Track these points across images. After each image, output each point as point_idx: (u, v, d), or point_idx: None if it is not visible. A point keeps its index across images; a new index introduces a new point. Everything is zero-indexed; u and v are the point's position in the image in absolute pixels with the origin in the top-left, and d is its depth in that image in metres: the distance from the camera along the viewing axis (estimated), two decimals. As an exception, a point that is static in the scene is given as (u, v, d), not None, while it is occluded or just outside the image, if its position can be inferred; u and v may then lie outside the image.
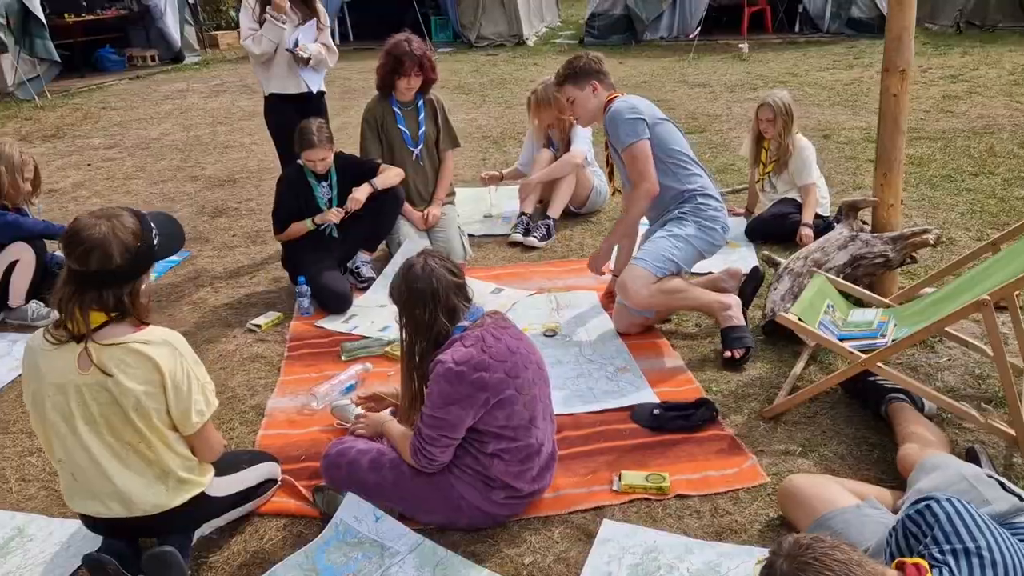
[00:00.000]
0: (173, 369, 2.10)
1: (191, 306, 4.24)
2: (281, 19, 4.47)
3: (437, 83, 4.68)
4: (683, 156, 3.57)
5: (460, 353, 2.32)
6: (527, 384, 2.44)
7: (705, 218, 3.52)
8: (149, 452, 2.14)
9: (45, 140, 8.27)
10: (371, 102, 4.58)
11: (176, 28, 13.42)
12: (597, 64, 3.60)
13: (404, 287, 2.39)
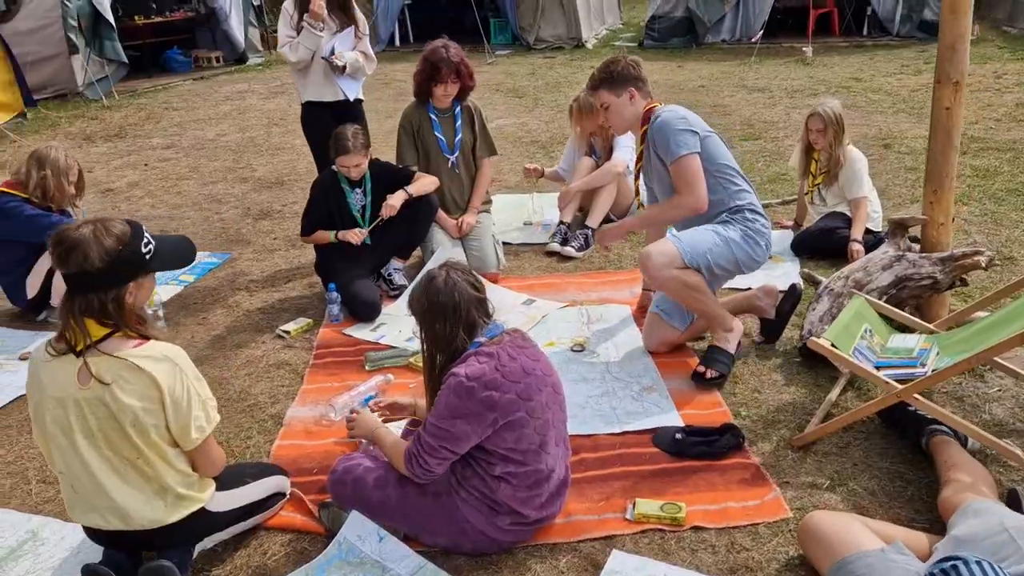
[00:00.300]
0: (172, 385, 2.09)
1: (225, 309, 4.27)
2: (318, 27, 4.48)
3: (493, 86, 4.63)
4: (732, 171, 3.41)
5: (473, 368, 2.27)
6: (539, 408, 2.37)
7: (752, 230, 3.36)
8: (147, 468, 2.13)
9: (107, 140, 8.50)
10: (408, 108, 4.56)
11: (240, 30, 13.68)
12: (635, 70, 3.44)
13: (425, 300, 2.35)
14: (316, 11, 4.41)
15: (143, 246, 2.10)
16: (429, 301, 2.34)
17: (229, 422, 3.20)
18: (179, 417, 2.11)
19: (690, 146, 3.27)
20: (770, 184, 5.97)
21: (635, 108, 3.43)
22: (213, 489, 2.30)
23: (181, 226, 5.63)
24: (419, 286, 2.39)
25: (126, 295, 2.08)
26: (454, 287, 2.34)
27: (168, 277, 4.65)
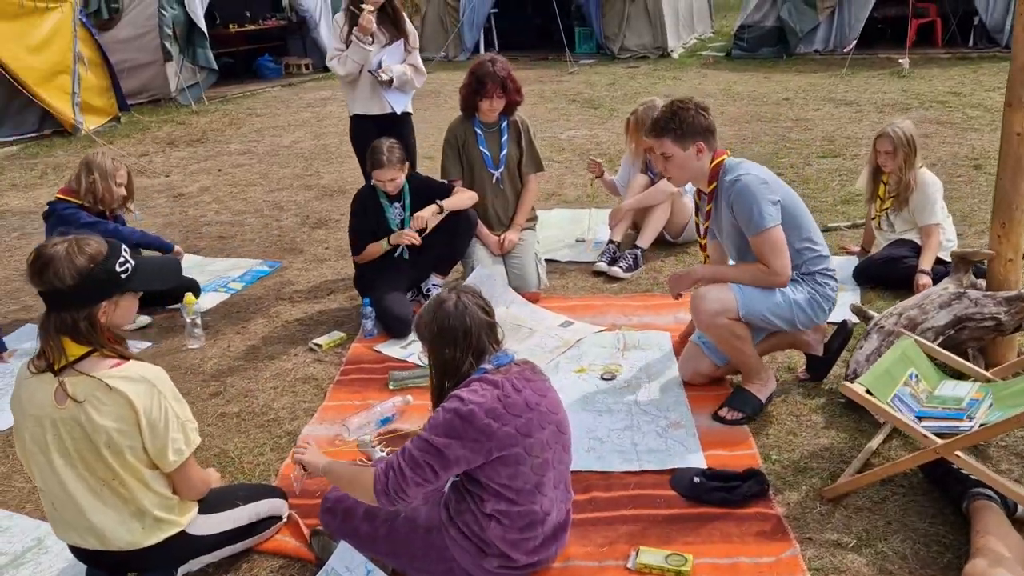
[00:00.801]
0: (148, 406, 2.07)
1: (266, 319, 4.30)
2: (366, 40, 4.47)
3: (570, 96, 4.55)
4: (810, 234, 3.12)
5: (476, 394, 2.18)
6: (539, 446, 2.25)
7: (820, 295, 3.12)
8: (123, 490, 2.12)
9: (189, 144, 8.79)
10: (454, 122, 4.50)
11: (329, 38, 13.98)
12: (705, 119, 3.08)
13: (435, 325, 2.26)
14: (364, 25, 4.40)
15: (118, 265, 2.08)
16: (439, 326, 2.25)
17: (246, 437, 3.20)
18: (156, 439, 2.09)
19: (774, 218, 3.00)
20: (842, 205, 5.66)
21: (701, 164, 3.11)
22: (195, 513, 2.27)
23: (240, 232, 5.73)
24: (428, 310, 2.30)
25: (99, 314, 2.07)
26: (464, 311, 2.25)
27: (216, 284, 4.73)
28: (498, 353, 2.30)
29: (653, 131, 3.14)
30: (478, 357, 2.26)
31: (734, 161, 3.14)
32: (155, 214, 6.26)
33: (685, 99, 3.14)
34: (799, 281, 3.13)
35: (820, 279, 3.13)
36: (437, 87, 12.05)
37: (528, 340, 3.87)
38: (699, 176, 3.18)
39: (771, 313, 3.08)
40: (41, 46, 8.86)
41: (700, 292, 3.12)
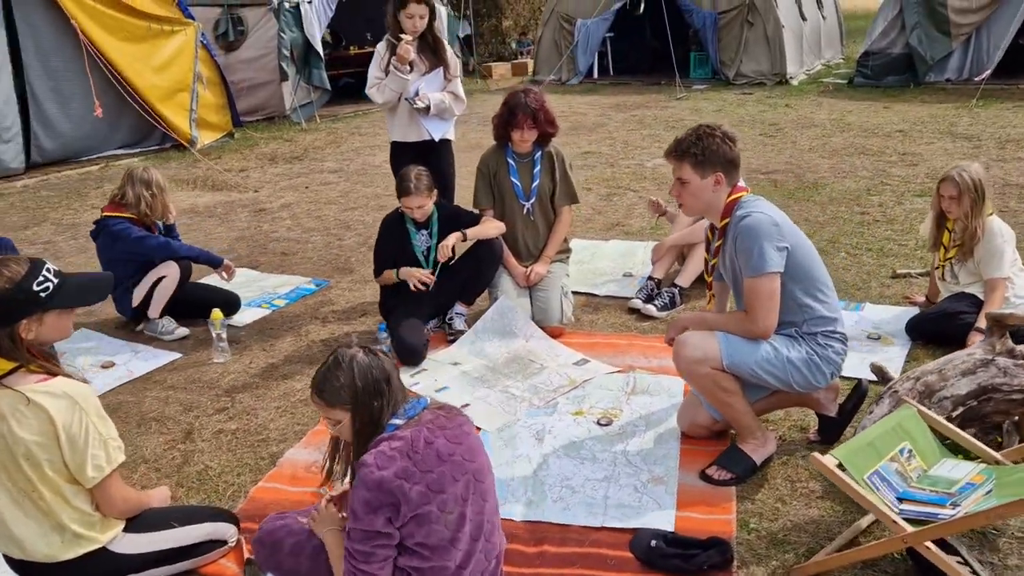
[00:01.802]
0: (68, 422, 2.14)
1: (295, 338, 4.40)
2: (404, 70, 4.51)
3: (671, 123, 4.49)
4: (822, 290, 2.90)
5: (384, 457, 2.09)
6: (452, 501, 2.15)
7: (820, 356, 2.87)
8: (42, 502, 2.19)
9: (287, 161, 9.19)
10: (487, 151, 4.47)
11: (443, 60, 14.31)
12: (731, 150, 2.89)
13: (356, 381, 2.14)
14: (402, 55, 4.45)
15: (36, 285, 2.16)
16: (363, 381, 2.15)
17: (232, 455, 3.27)
18: (75, 454, 2.16)
19: (775, 264, 2.78)
20: (923, 251, 5.22)
21: (717, 196, 2.93)
22: (118, 531, 2.32)
23: (302, 250, 5.92)
24: (338, 371, 2.15)
25: (20, 331, 2.15)
26: (378, 359, 2.20)
27: (261, 300, 4.89)
28: (411, 401, 2.23)
29: (674, 153, 2.98)
30: (395, 407, 2.19)
31: (751, 198, 2.95)
32: (231, 227, 6.56)
33: (713, 125, 2.97)
34: (798, 339, 2.89)
35: (822, 340, 2.88)
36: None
37: (534, 377, 3.78)
38: (713, 209, 3.00)
39: (760, 368, 2.86)
40: (164, 66, 9.51)
41: (681, 338, 2.95)
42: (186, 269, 4.47)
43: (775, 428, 3.28)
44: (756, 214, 2.84)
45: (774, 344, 2.87)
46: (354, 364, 2.16)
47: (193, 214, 7.02)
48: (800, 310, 2.88)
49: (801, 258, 2.86)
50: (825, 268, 2.98)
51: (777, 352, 2.85)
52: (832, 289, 2.96)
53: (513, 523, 2.77)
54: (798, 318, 2.89)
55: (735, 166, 2.94)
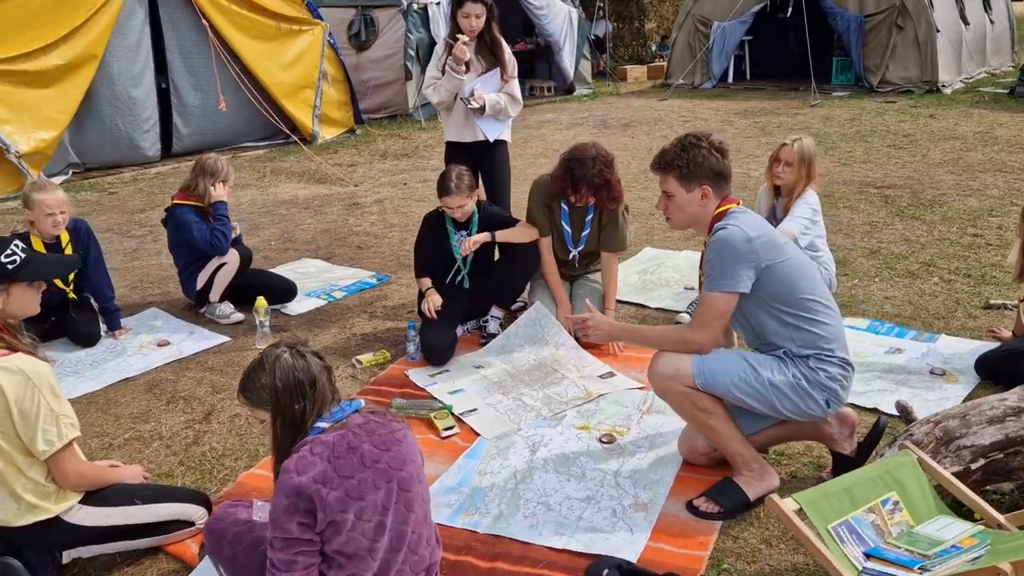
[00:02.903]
0: (20, 397, 2.25)
1: (339, 330, 4.49)
2: (460, 70, 4.49)
3: (797, 130, 4.21)
4: (815, 310, 2.66)
5: (304, 461, 2.06)
6: (371, 509, 2.10)
7: (810, 380, 2.63)
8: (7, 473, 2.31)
9: (396, 158, 9.42)
10: (542, 181, 4.15)
11: (571, 62, 14.26)
12: (718, 161, 2.72)
13: (277, 382, 2.10)
14: (458, 55, 4.43)
15: (4, 257, 2.29)
16: (284, 382, 2.10)
17: (237, 439, 3.37)
18: (27, 428, 2.27)
19: (735, 284, 2.61)
20: None
21: (704, 210, 2.75)
22: (73, 503, 2.42)
23: (377, 244, 6.04)
24: (261, 371, 2.13)
25: None
26: (304, 359, 2.15)
27: (321, 291, 5.02)
28: (340, 404, 2.19)
29: (658, 164, 2.82)
30: (320, 409, 2.15)
31: (738, 211, 2.74)
32: (321, 220, 6.80)
33: (700, 134, 2.78)
34: (785, 361, 2.66)
35: (813, 364, 2.63)
36: (660, 115, 11.81)
37: (551, 387, 3.67)
38: (700, 223, 2.81)
39: (736, 388, 2.65)
40: (291, 64, 9.99)
41: (656, 355, 2.78)
42: (245, 257, 4.65)
43: (789, 462, 3.03)
44: (731, 227, 2.65)
45: (754, 364, 2.65)
46: (276, 365, 2.12)
47: (290, 205, 7.33)
48: (787, 330, 2.66)
49: (783, 276, 2.63)
50: (824, 287, 2.72)
51: (757, 373, 2.64)
52: (832, 309, 2.70)
53: (475, 535, 2.70)
54: (785, 340, 2.67)
55: (724, 178, 2.74)
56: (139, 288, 5.28)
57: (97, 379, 3.97)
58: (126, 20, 8.64)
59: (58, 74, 8.09)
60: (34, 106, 7.97)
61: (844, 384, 2.67)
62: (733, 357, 2.71)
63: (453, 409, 3.48)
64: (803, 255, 2.76)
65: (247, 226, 6.67)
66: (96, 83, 8.43)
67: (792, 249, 2.70)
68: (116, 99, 8.72)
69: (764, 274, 2.62)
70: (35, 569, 2.42)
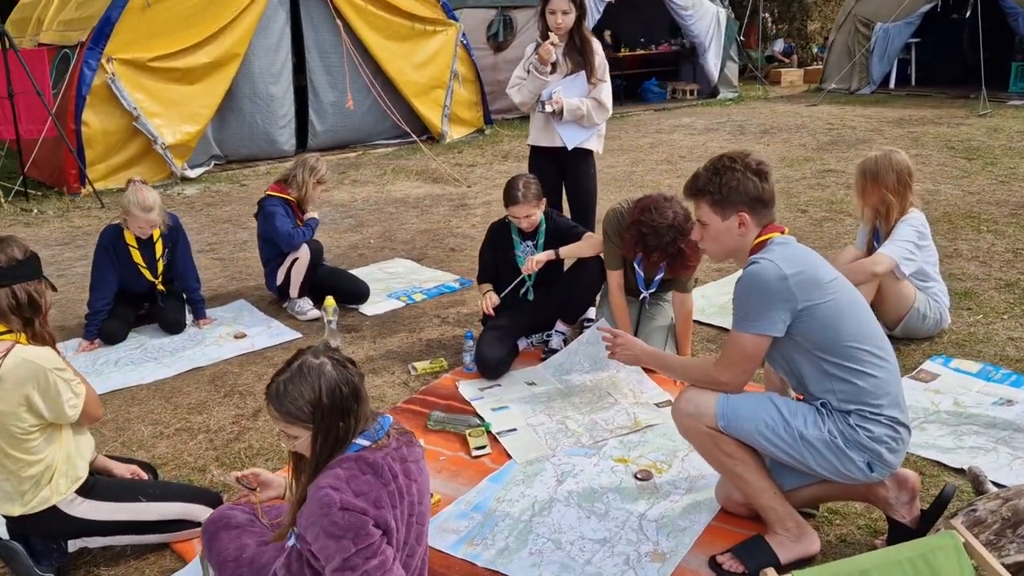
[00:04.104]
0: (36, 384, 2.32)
1: (408, 333, 4.45)
2: (543, 70, 4.33)
3: (954, 142, 3.96)
4: (865, 355, 2.32)
5: (358, 481, 1.93)
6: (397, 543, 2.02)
7: (847, 439, 2.31)
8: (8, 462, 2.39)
9: (518, 159, 9.33)
10: (613, 214, 3.77)
11: (716, 65, 13.70)
12: (755, 187, 2.41)
13: (322, 397, 1.96)
14: (543, 54, 4.27)
15: None
16: (330, 397, 1.96)
17: (276, 443, 3.37)
18: (54, 406, 2.37)
19: (763, 327, 2.33)
20: None
21: (742, 240, 2.46)
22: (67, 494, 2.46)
23: (471, 247, 5.96)
24: (301, 384, 1.96)
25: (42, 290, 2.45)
26: (346, 370, 2.01)
27: (402, 292, 5.01)
28: (378, 421, 2.07)
29: (690, 190, 2.56)
30: (364, 423, 2.03)
31: (780, 241, 2.43)
32: (425, 219, 6.82)
33: (736, 155, 2.49)
34: (822, 414, 2.34)
35: (855, 421, 2.29)
36: (804, 121, 11.10)
37: (600, 412, 3.45)
38: (739, 254, 2.52)
39: (762, 436, 2.36)
40: (424, 64, 10.15)
41: (686, 387, 2.53)
42: (316, 253, 4.70)
43: (841, 523, 2.68)
44: (764, 262, 2.34)
45: (785, 412, 2.35)
46: (322, 379, 1.96)
47: (400, 203, 7.42)
48: (827, 381, 2.34)
49: (825, 320, 2.30)
50: (878, 333, 2.37)
51: (787, 423, 2.33)
52: (885, 360, 2.35)
53: (473, 567, 2.55)
54: (825, 391, 2.35)
55: (763, 203, 2.44)
56: (237, 279, 5.47)
57: (171, 367, 4.12)
58: (268, 20, 9.06)
59: (204, 71, 8.60)
60: (181, 101, 8.51)
61: (892, 447, 2.31)
62: (762, 401, 2.41)
63: (491, 427, 3.34)
64: (854, 295, 2.41)
65: (353, 222, 6.81)
66: (238, 80, 8.89)
67: (839, 288, 2.36)
68: (256, 96, 9.16)
69: (802, 316, 2.31)
70: (39, 556, 2.49)
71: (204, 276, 5.45)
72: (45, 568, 2.49)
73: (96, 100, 8.00)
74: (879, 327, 2.42)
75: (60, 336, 4.47)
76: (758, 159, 2.49)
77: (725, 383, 2.43)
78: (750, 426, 2.38)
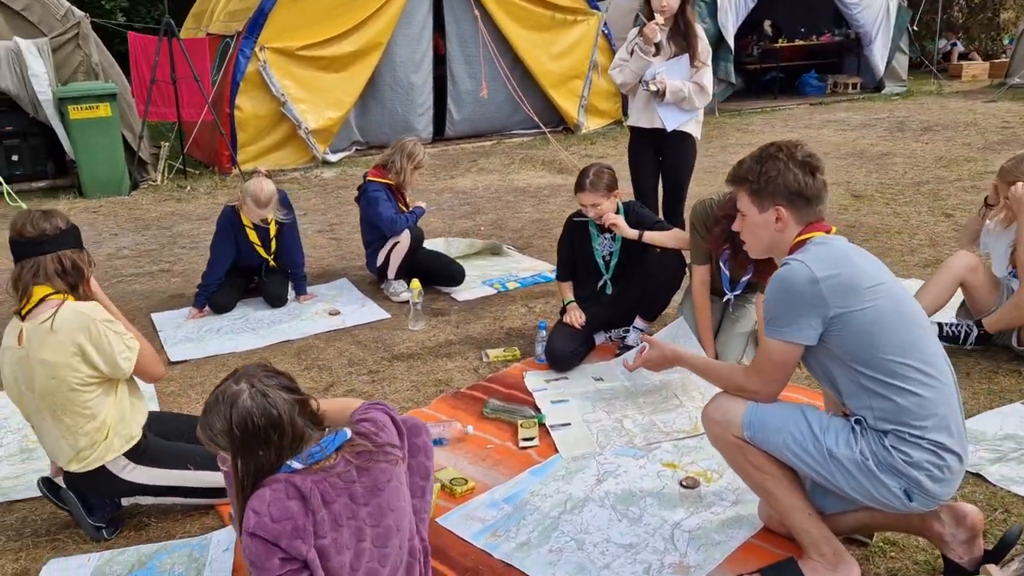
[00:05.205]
0: (88, 334, 2.48)
1: (492, 320, 4.45)
2: (648, 51, 4.30)
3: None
4: (909, 370, 2.08)
5: (280, 507, 1.83)
6: (339, 568, 1.91)
7: (881, 463, 2.08)
8: (67, 419, 2.55)
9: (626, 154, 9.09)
10: (702, 206, 3.61)
11: (883, 57, 12.73)
12: (796, 179, 2.20)
13: (234, 429, 1.87)
14: (648, 33, 4.25)
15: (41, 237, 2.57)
16: (242, 430, 1.86)
17: (337, 415, 3.45)
18: (106, 358, 2.52)
19: (791, 334, 2.14)
20: None
21: (780, 236, 2.28)
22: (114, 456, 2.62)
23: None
24: (218, 414, 1.89)
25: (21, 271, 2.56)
26: (265, 399, 1.88)
27: (496, 280, 5.02)
28: (321, 442, 1.95)
29: (732, 177, 2.40)
30: (296, 447, 1.93)
31: (820, 241, 2.22)
32: (538, 209, 6.80)
33: (786, 144, 2.29)
34: (857, 432, 2.12)
35: (891, 442, 2.06)
36: (976, 119, 10.12)
37: (662, 413, 3.31)
38: (777, 252, 2.33)
39: (789, 450, 2.17)
40: (562, 54, 10.10)
41: (717, 393, 2.37)
42: (416, 239, 4.78)
43: (897, 555, 2.42)
44: (795, 264, 2.15)
45: (815, 427, 2.15)
46: (233, 409, 1.88)
47: (520, 193, 7.43)
48: (864, 396, 2.11)
49: (861, 329, 2.07)
50: (928, 346, 2.12)
51: (816, 439, 2.13)
52: (935, 378, 2.09)
53: (489, 558, 2.51)
54: (862, 407, 2.12)
55: (805, 200, 2.22)
56: (346, 258, 5.67)
57: (265, 338, 4.33)
58: (411, 10, 9.30)
59: (348, 60, 8.96)
60: (326, 88, 8.92)
61: (935, 475, 2.05)
62: (792, 413, 2.21)
63: (545, 419, 3.27)
64: (902, 304, 2.14)
65: (469, 209, 6.90)
66: (380, 68, 9.21)
67: (883, 295, 2.12)
68: (396, 84, 9.46)
69: (835, 325, 2.10)
70: (93, 508, 2.68)
71: (318, 254, 5.73)
72: (97, 519, 2.68)
73: (249, 86, 8.53)
74: (933, 342, 2.16)
75: (181, 303, 4.85)
76: (808, 152, 2.28)
77: (754, 392, 2.25)
78: (777, 439, 2.19)
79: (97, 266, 2.82)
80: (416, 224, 4.83)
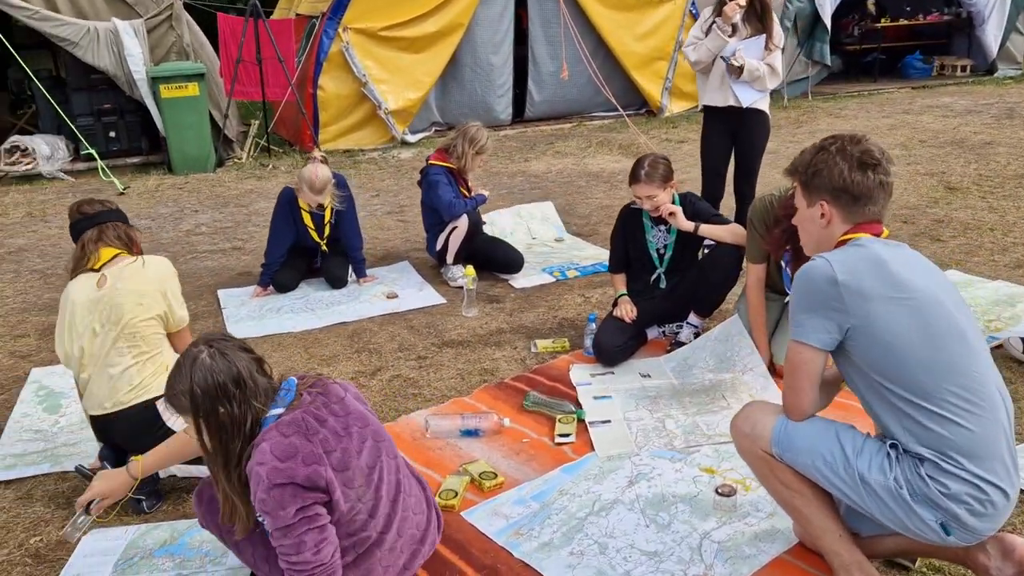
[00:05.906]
0: (170, 274, 2.87)
1: (546, 309, 4.39)
2: (726, 30, 4.37)
3: None
4: (945, 392, 1.92)
5: (283, 446, 1.95)
6: (358, 475, 2.08)
7: (915, 492, 1.93)
8: (143, 344, 2.77)
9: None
10: (761, 203, 3.44)
11: (996, 37, 11.92)
12: (843, 175, 2.07)
13: (195, 387, 1.96)
14: (727, 13, 4.30)
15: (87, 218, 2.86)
16: (202, 387, 1.96)
17: (379, 401, 3.47)
18: (174, 300, 2.85)
19: (803, 334, 2.03)
20: None
21: (826, 233, 2.16)
22: None
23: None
24: (179, 376, 2.00)
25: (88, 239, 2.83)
26: (224, 356, 1.99)
27: (556, 268, 4.95)
28: (281, 389, 2.08)
29: (789, 167, 2.28)
30: (264, 400, 2.03)
31: (860, 242, 2.09)
32: (609, 195, 6.65)
33: (844, 136, 2.16)
34: (891, 456, 1.97)
35: (928, 471, 1.91)
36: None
37: (706, 415, 3.18)
38: (825, 249, 2.19)
39: (817, 470, 2.05)
40: (647, 35, 9.85)
41: (747, 403, 2.28)
42: (474, 224, 4.75)
43: None
44: (819, 260, 2.04)
45: (847, 448, 2.03)
46: (194, 368, 1.98)
47: (592, 177, 7.31)
48: (896, 417, 1.97)
49: (890, 341, 1.91)
50: (975, 369, 1.94)
51: (847, 462, 2.00)
52: (978, 404, 1.91)
53: (508, 556, 2.47)
54: (895, 429, 1.98)
55: (854, 198, 2.08)
56: (411, 241, 5.70)
57: (323, 319, 4.39)
58: (493, -9, 9.24)
59: (429, 40, 8.98)
60: (407, 69, 8.96)
61: (975, 509, 1.89)
62: (824, 432, 2.08)
63: (584, 415, 3.20)
64: (944, 319, 1.95)
65: (540, 193, 6.82)
66: (460, 49, 9.19)
67: (919, 306, 1.95)
68: (476, 65, 9.43)
69: (855, 335, 1.96)
70: (139, 483, 2.78)
71: (383, 236, 5.78)
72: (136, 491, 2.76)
73: (331, 66, 8.65)
74: (981, 364, 1.97)
75: (248, 281, 4.96)
76: (867, 148, 2.12)
77: (792, 409, 2.11)
78: (806, 460, 2.07)
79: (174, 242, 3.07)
80: (476, 211, 4.80)
